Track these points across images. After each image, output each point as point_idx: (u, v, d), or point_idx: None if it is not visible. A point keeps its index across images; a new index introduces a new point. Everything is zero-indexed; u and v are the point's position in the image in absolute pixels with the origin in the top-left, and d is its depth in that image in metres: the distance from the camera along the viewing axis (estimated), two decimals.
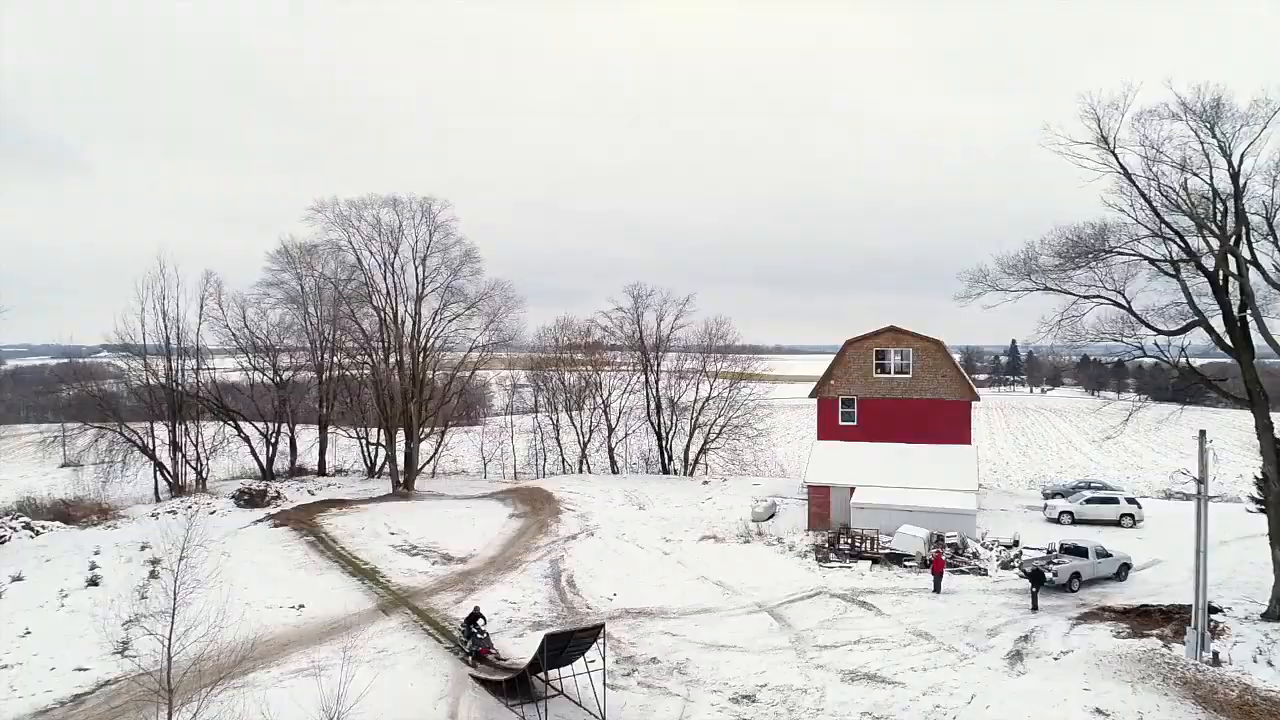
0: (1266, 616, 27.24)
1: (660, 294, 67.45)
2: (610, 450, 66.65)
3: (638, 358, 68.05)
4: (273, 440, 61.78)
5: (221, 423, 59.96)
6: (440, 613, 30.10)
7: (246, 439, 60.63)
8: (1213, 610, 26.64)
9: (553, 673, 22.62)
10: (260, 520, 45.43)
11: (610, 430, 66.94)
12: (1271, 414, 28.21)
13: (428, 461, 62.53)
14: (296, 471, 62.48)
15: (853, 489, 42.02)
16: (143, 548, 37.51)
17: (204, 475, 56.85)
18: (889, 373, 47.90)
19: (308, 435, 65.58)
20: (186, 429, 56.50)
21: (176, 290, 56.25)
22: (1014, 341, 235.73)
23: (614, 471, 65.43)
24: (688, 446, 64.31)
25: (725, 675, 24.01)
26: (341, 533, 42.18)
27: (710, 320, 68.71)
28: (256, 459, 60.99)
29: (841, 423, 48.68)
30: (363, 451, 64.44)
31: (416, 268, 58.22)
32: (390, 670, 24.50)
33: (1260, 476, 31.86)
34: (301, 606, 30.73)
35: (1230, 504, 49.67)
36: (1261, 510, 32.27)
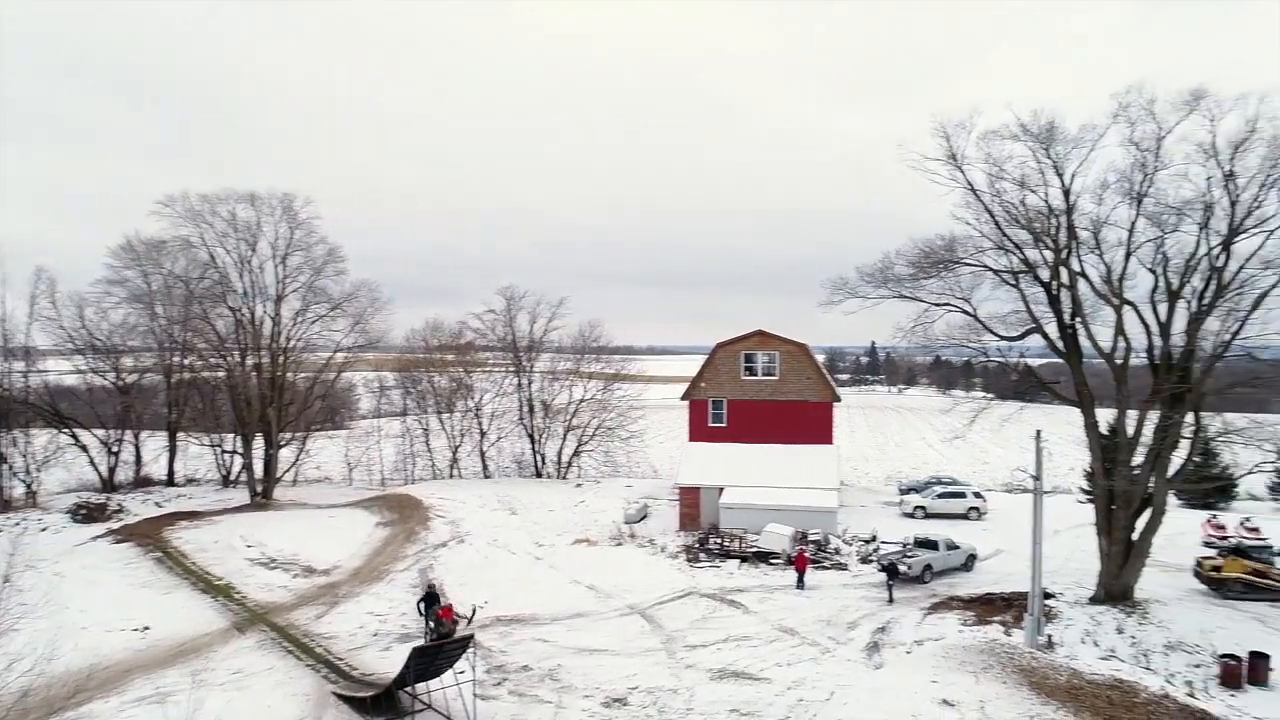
0: (1093, 600, 29.66)
1: (534, 296, 67.04)
2: (482, 454, 65.69)
3: (510, 359, 67.40)
4: (115, 449, 57.44)
5: (55, 430, 55.33)
6: (300, 628, 28.83)
7: (84, 448, 56.12)
8: (1047, 596, 28.79)
9: (420, 686, 22.07)
10: (100, 536, 42.19)
11: (482, 434, 65.98)
12: (1098, 412, 30.79)
13: (288, 469, 59.81)
14: (142, 482, 58.32)
15: (722, 489, 43.00)
16: None
17: (34, 489, 52.23)
18: (757, 375, 49.27)
19: (155, 443, 61.34)
20: (14, 438, 51.85)
21: (2, 288, 51.61)
22: (874, 343, 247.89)
23: (486, 476, 64.53)
24: (561, 449, 64.16)
25: (597, 679, 24.06)
26: (192, 547, 39.73)
27: (584, 322, 68.91)
28: (96, 470, 56.58)
29: (711, 424, 49.71)
30: (217, 460, 60.88)
31: (276, 267, 55.53)
32: (245, 692, 23.24)
33: (1088, 470, 34.64)
34: (146, 628, 28.72)
35: (1064, 495, 53.81)
36: (1090, 501, 35.17)
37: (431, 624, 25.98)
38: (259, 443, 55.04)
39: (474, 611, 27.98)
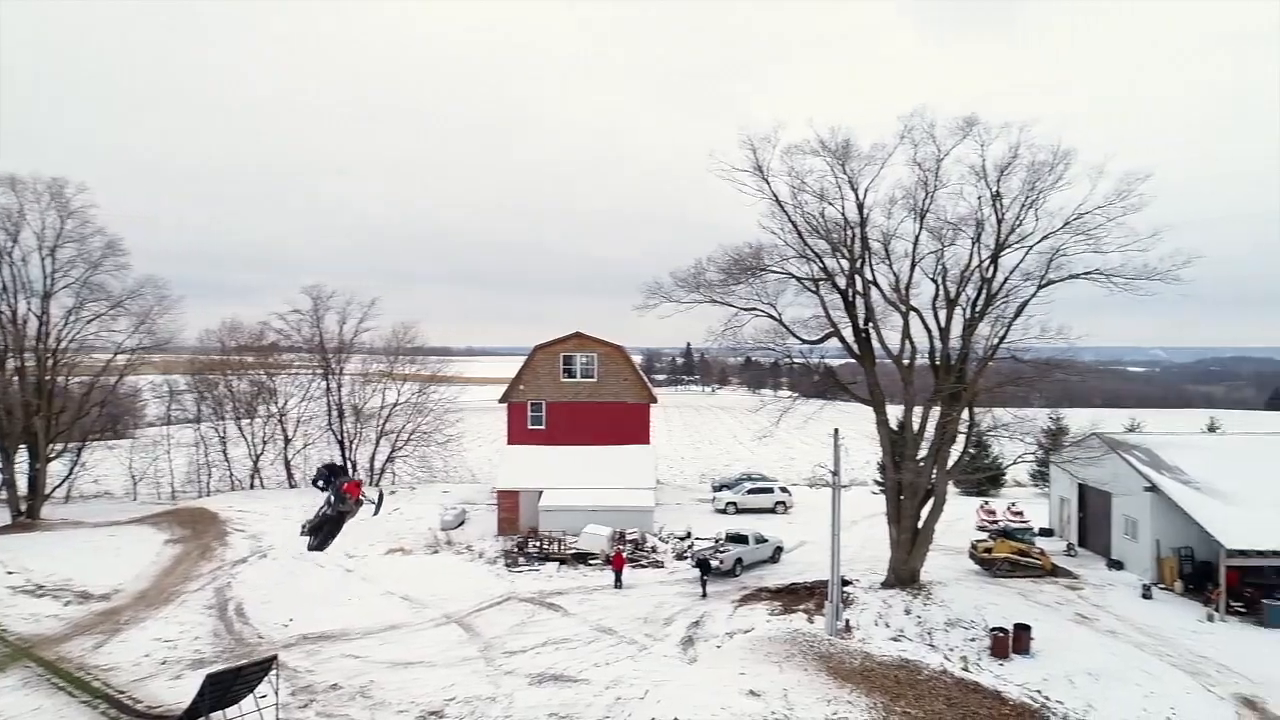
0: (885, 584, 32.10)
1: (343, 295, 64.04)
2: (287, 463, 62.04)
3: (318, 361, 64.06)
4: None
5: None
6: (75, 661, 26.03)
7: None
8: (845, 583, 30.81)
9: (217, 716, 20.55)
10: None
11: (287, 441, 62.30)
12: (888, 409, 33.35)
13: (60, 484, 53.93)
14: None
15: (541, 492, 42.90)
16: None
17: None
18: (575, 377, 49.54)
19: None
20: None
21: None
22: (689, 345, 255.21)
23: (291, 486, 60.95)
24: (373, 455, 61.77)
25: (412, 693, 23.34)
26: None
27: (398, 323, 66.66)
28: None
29: (531, 426, 49.49)
30: None
31: (44, 259, 49.86)
32: None
33: (881, 464, 37.36)
34: None
35: (860, 487, 57.84)
36: (882, 492, 37.98)
37: (332, 497, 23.95)
38: (23, 456, 49.26)
39: (381, 497, 26.35)
